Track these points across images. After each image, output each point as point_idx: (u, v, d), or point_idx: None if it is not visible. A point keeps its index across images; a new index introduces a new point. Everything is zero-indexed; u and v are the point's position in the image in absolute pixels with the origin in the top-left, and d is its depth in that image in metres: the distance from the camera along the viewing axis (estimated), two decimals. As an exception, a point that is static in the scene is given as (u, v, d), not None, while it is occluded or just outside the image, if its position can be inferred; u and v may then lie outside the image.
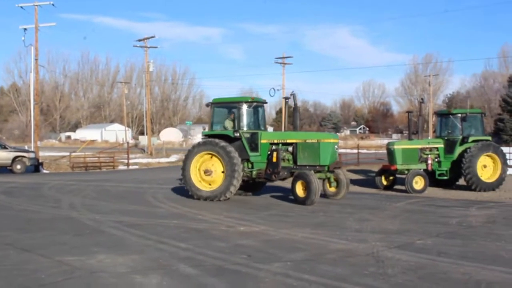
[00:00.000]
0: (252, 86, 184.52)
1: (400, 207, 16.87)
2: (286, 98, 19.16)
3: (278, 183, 20.27)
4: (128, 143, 52.22)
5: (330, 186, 18.76)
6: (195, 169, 18.61)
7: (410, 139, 23.14)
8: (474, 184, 21.46)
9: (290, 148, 18.34)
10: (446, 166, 22.35)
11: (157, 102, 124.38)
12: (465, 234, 12.13)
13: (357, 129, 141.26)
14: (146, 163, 44.67)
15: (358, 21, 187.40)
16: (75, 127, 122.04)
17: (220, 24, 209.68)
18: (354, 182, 23.28)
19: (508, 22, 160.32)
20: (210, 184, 18.48)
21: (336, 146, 18.00)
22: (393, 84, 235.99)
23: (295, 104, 18.92)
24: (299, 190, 17.17)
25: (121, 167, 40.65)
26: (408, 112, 23.95)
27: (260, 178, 18.74)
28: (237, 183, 17.86)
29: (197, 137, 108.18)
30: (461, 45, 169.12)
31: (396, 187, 22.39)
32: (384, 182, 22.33)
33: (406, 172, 21.54)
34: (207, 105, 19.79)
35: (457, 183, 23.54)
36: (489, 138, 23.51)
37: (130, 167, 41.13)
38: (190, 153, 18.83)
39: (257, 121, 19.40)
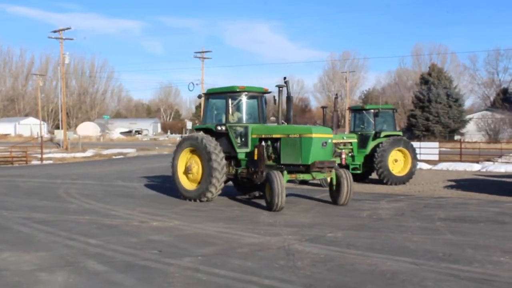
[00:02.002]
0: (172, 81, 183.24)
1: (314, 201, 17.12)
2: (280, 87, 16.51)
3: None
4: (42, 137, 50.67)
5: (332, 189, 16.21)
6: (182, 166, 17.21)
7: (325, 134, 23.46)
8: (386, 178, 22.12)
9: (277, 144, 16.03)
10: (359, 161, 22.89)
11: (74, 96, 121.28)
12: (374, 226, 12.47)
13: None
14: (61, 158, 43.50)
15: (277, 16, 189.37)
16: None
17: (139, 17, 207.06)
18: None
19: (421, 22, 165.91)
20: (193, 183, 17.01)
21: (324, 142, 15.30)
22: (312, 80, 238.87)
23: (288, 93, 16.67)
24: (267, 193, 14.92)
25: (35, 162, 39.44)
26: (323, 107, 24.34)
27: (243, 178, 16.91)
28: (216, 182, 16.06)
29: (115, 132, 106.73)
30: (377, 43, 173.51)
31: (311, 181, 22.72)
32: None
33: (321, 166, 21.88)
34: (199, 96, 18.23)
35: (370, 177, 24.18)
36: (400, 133, 24.32)
37: (44, 162, 39.95)
38: (177, 149, 17.50)
39: (255, 114, 17.33)
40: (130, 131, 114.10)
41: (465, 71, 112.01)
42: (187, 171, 16.99)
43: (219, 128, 16.61)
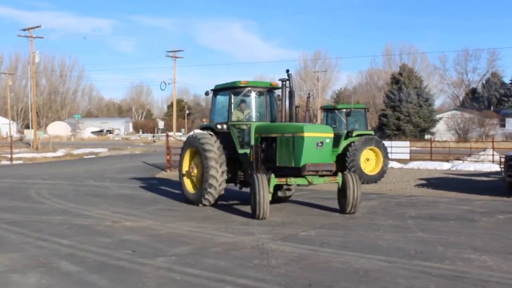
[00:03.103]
0: (143, 80, 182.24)
1: (287, 199, 17.17)
2: (283, 80, 14.88)
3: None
4: (11, 137, 50.00)
5: (339, 196, 14.51)
6: (186, 167, 16.26)
7: (297, 133, 23.55)
8: (358, 177, 22.23)
9: (275, 144, 14.37)
10: (331, 160, 22.97)
11: (44, 95, 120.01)
12: (347, 225, 12.56)
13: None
14: (31, 157, 42.94)
15: (249, 16, 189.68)
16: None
17: (110, 16, 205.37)
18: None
19: (392, 22, 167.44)
20: (194, 186, 16.00)
21: (319, 142, 13.57)
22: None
23: (290, 87, 14.95)
24: (251, 199, 13.36)
25: (4, 162, 38.85)
26: (295, 106, 24.45)
27: (241, 182, 15.70)
28: (212, 190, 14.82)
29: (86, 131, 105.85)
30: (349, 43, 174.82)
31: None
32: (273, 176, 22.67)
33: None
34: (207, 93, 16.69)
35: (342, 176, 24.29)
36: (372, 132, 24.49)
37: (14, 162, 39.38)
38: (182, 148, 16.57)
39: (262, 111, 15.81)
40: (101, 131, 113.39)
41: (435, 71, 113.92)
42: (189, 173, 16.12)
43: (219, 126, 15.52)
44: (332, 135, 14.21)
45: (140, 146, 67.23)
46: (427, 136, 73.33)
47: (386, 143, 26.84)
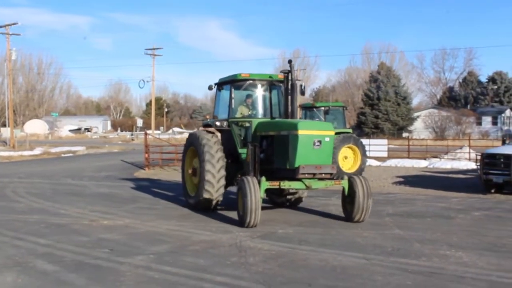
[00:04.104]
0: (122, 78, 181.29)
1: (265, 198, 17.18)
2: (285, 72, 13.56)
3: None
4: (-12, 135, 49.52)
5: (344, 202, 12.97)
6: (187, 167, 15.22)
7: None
8: (336, 175, 22.30)
9: (273, 144, 13.06)
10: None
11: (21, 93, 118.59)
12: (325, 222, 12.62)
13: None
14: (8, 156, 42.47)
15: (227, 14, 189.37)
16: None
17: (88, 13, 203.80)
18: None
19: (371, 21, 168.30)
20: (195, 188, 14.71)
21: (317, 141, 11.93)
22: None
23: (292, 80, 13.36)
24: (239, 204, 11.97)
25: (-20, 161, 38.46)
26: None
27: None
28: (208, 195, 13.56)
29: (64, 129, 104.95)
30: (328, 42, 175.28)
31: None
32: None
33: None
34: (210, 87, 15.12)
35: (321, 173, 24.38)
36: (350, 130, 24.68)
37: (-10, 160, 38.98)
38: (184, 147, 15.49)
39: (266, 106, 14.58)
40: (79, 129, 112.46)
41: (413, 69, 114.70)
42: (189, 174, 15.05)
43: (217, 124, 14.33)
44: (332, 133, 12.45)
45: (118, 144, 66.75)
46: (405, 134, 73.91)
47: (364, 141, 27.01)
